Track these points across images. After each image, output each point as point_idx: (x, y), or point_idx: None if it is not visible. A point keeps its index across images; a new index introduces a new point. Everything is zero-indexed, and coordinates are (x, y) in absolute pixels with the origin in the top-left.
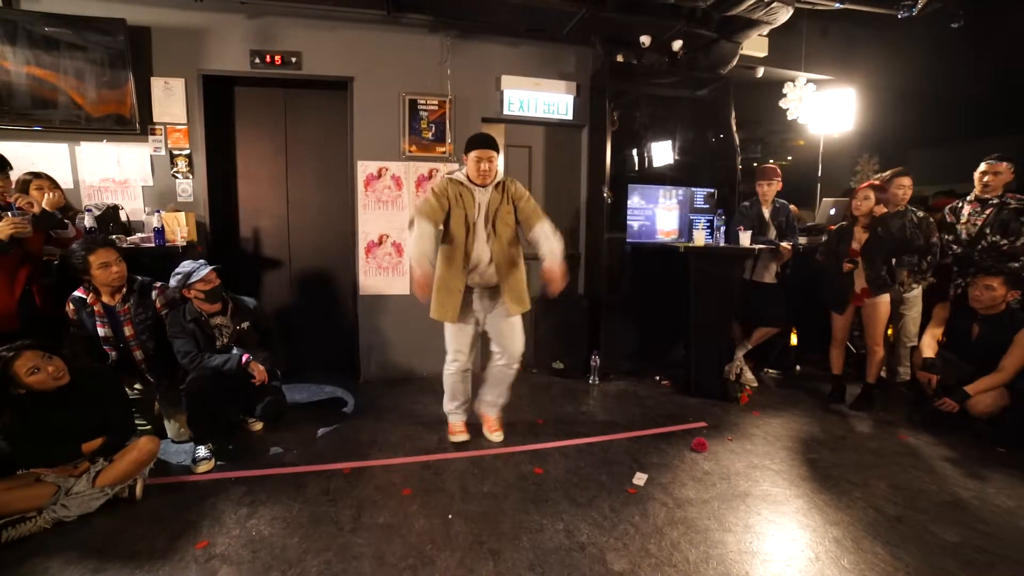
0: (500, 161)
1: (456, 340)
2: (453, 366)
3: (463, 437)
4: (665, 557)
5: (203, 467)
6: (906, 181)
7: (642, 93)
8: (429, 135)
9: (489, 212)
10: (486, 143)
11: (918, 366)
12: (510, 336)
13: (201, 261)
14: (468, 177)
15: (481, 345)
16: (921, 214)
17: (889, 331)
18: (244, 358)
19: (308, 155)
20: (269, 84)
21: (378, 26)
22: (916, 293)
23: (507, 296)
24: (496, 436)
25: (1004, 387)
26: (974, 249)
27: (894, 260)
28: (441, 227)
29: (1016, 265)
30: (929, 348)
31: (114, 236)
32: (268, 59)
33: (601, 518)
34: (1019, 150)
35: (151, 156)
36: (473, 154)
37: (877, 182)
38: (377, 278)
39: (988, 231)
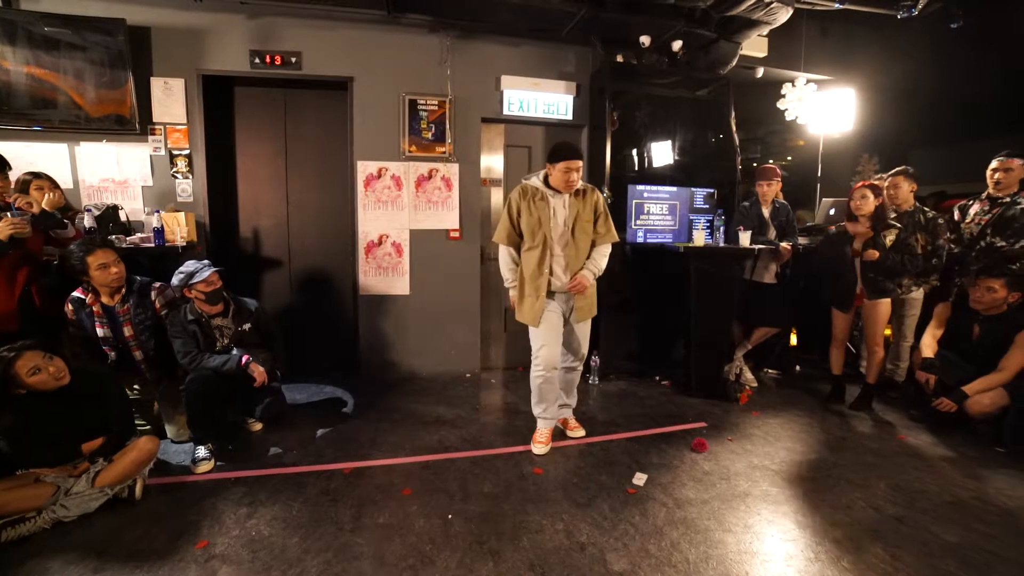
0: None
1: (542, 337)
2: (538, 367)
3: (544, 449)
4: (665, 557)
5: (203, 467)
6: (900, 182)
7: (642, 93)
8: (429, 135)
9: (568, 218)
10: (575, 153)
11: (918, 366)
12: (579, 339)
13: (205, 262)
14: (546, 182)
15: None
16: (931, 214)
17: (888, 331)
18: (244, 359)
19: (308, 155)
20: (269, 84)
21: (378, 26)
22: (917, 295)
23: (578, 302)
24: (579, 432)
25: (1003, 387)
26: (972, 249)
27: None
28: (517, 240)
29: (1016, 267)
30: (929, 348)
31: (114, 236)
32: (268, 59)
33: (601, 518)
34: (1021, 150)
35: (151, 156)
36: (562, 164)
37: (873, 181)
38: (377, 278)
39: (989, 231)
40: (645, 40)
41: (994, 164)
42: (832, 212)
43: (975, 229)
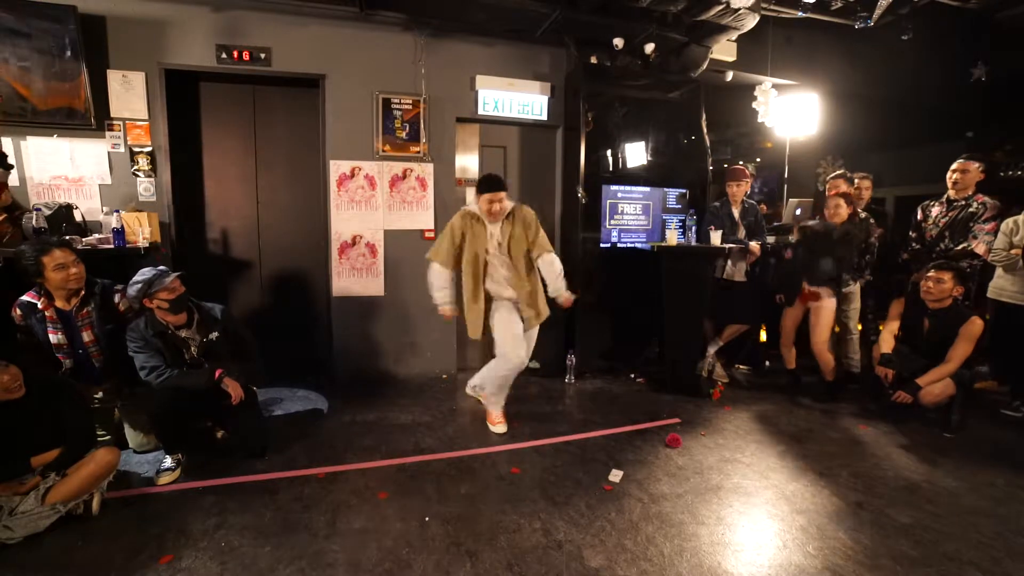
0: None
1: (508, 338)
2: (506, 366)
3: (503, 428)
4: (641, 551)
5: (166, 478)
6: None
7: (615, 95)
8: (403, 135)
9: (503, 239)
10: (495, 186)
11: (877, 361)
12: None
13: (162, 267)
14: (481, 210)
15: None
16: (863, 215)
17: (836, 328)
18: (217, 373)
19: (278, 154)
20: (237, 80)
21: (350, 23)
22: (854, 289)
23: (523, 308)
24: (498, 428)
25: (950, 378)
26: (932, 249)
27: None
28: (453, 262)
29: (964, 264)
30: (886, 344)
31: (68, 237)
32: (236, 55)
33: (578, 515)
34: (978, 154)
35: (109, 153)
36: (484, 197)
37: (844, 190)
38: (351, 279)
39: (947, 234)
40: (618, 42)
41: (953, 166)
42: (798, 212)
43: (934, 231)
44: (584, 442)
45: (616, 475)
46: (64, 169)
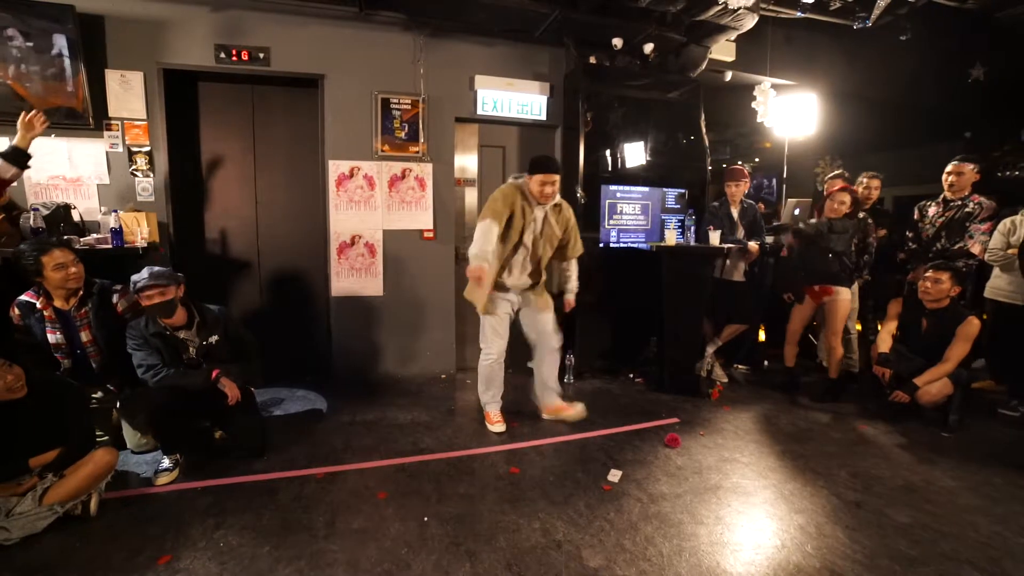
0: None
1: (494, 328)
2: (490, 356)
3: (501, 427)
4: (640, 551)
5: (164, 479)
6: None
7: (615, 94)
8: (402, 135)
9: (543, 229)
10: (551, 167)
11: (875, 361)
12: (543, 327)
13: (165, 269)
14: (530, 192)
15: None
16: (861, 215)
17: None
18: (214, 373)
19: (278, 153)
20: (236, 80)
21: (349, 23)
22: (853, 290)
23: (537, 295)
24: (573, 411)
25: (948, 377)
26: (929, 249)
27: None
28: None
29: (960, 264)
30: (884, 344)
31: (66, 237)
32: (234, 54)
33: (577, 515)
34: (972, 154)
35: (107, 153)
36: (538, 177)
37: (850, 185)
38: (350, 279)
39: (944, 234)
40: (617, 42)
41: (948, 168)
42: (797, 212)
43: (930, 230)
44: (583, 442)
45: (615, 475)
46: (62, 169)
